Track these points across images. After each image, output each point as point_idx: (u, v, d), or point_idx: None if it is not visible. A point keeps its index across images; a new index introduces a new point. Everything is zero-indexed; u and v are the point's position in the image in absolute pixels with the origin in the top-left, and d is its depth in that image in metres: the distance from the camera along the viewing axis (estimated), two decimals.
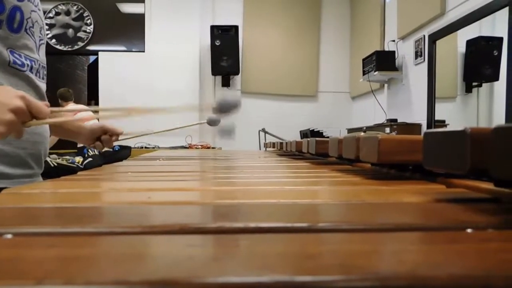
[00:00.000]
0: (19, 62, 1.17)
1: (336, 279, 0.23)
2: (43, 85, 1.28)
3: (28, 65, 1.21)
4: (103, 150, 1.84)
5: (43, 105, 1.00)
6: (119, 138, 1.50)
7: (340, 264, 0.25)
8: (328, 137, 1.30)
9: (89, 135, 1.46)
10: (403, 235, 0.34)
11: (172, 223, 0.36)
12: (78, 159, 1.47)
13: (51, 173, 1.09)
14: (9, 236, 0.32)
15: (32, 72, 1.21)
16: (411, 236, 0.34)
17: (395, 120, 4.45)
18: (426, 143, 0.49)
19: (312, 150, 1.25)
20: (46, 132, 1.27)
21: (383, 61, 4.80)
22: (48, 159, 2.21)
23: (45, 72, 1.31)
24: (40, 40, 1.29)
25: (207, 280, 0.23)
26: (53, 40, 6.16)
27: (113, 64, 6.06)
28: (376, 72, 4.77)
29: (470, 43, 3.61)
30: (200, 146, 5.43)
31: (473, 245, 0.30)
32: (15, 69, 1.15)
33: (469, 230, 0.34)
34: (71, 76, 7.86)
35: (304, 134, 5.76)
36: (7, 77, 1.12)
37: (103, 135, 1.45)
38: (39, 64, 1.27)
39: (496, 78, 3.42)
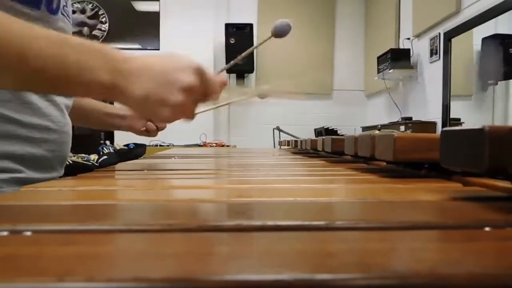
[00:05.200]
0: None
1: (355, 277, 0.23)
2: None
3: None
4: (119, 148, 1.82)
5: (217, 81, 0.84)
6: None
7: (359, 262, 0.25)
8: (342, 135, 1.30)
9: (139, 117, 1.31)
10: (420, 233, 0.34)
11: (189, 221, 0.36)
12: (93, 156, 1.48)
13: (67, 170, 1.10)
14: (29, 233, 0.33)
15: None
16: (429, 234, 0.34)
17: (410, 118, 4.43)
18: (443, 142, 0.49)
19: (328, 148, 1.25)
20: (71, 129, 1.14)
21: (398, 59, 4.77)
22: None
23: None
24: (69, 20, 1.10)
25: (226, 278, 0.23)
26: None
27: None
28: (391, 70, 4.74)
29: (485, 41, 3.58)
30: (214, 144, 5.44)
31: (491, 244, 0.30)
32: None
33: (487, 229, 0.34)
34: None
35: (319, 132, 5.75)
36: None
37: None
38: None
39: (511, 76, 3.39)
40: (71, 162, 1.13)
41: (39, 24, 0.94)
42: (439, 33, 4.11)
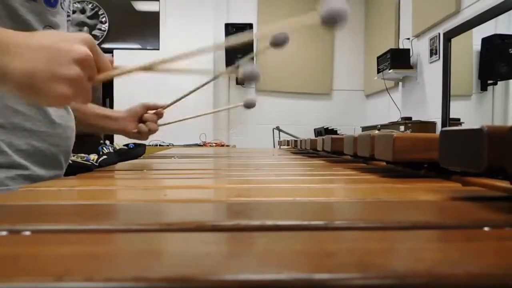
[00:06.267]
0: None
1: (354, 277, 0.23)
2: None
3: None
4: (118, 147, 1.81)
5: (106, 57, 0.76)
6: (158, 124, 1.28)
7: (357, 261, 0.25)
8: (342, 135, 1.30)
9: (130, 117, 1.25)
10: (419, 233, 0.34)
11: (188, 221, 0.36)
12: (93, 156, 1.48)
13: (66, 170, 1.10)
14: (28, 233, 0.33)
15: None
16: (428, 234, 0.34)
17: (410, 118, 4.43)
18: (442, 141, 0.49)
19: (328, 147, 1.25)
20: (74, 124, 1.11)
21: (398, 59, 4.77)
22: None
23: None
24: (68, 16, 1.11)
25: (225, 277, 0.23)
26: None
27: (128, 62, 6.03)
28: (391, 70, 4.74)
29: (485, 41, 3.58)
30: (214, 144, 5.44)
31: (490, 244, 0.30)
32: None
33: (486, 228, 0.34)
34: None
35: (319, 132, 5.75)
36: None
37: (145, 113, 1.25)
38: None
39: (511, 76, 3.39)
40: (71, 161, 1.13)
41: (36, 17, 0.94)
42: (439, 33, 4.11)
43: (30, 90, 0.65)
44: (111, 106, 5.72)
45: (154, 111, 1.27)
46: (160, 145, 5.15)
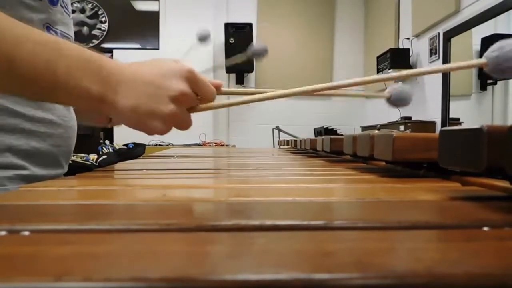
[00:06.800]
0: None
1: (353, 277, 0.23)
2: None
3: None
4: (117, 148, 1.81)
5: (209, 83, 0.79)
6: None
7: (357, 261, 0.25)
8: (342, 134, 1.30)
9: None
10: (419, 233, 0.34)
11: (188, 221, 0.36)
12: (93, 156, 1.48)
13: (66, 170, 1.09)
14: (27, 233, 0.33)
15: None
16: (428, 234, 0.34)
17: (409, 118, 4.43)
18: (442, 141, 0.49)
19: (327, 148, 1.25)
20: (76, 124, 1.11)
21: (398, 59, 4.78)
22: None
23: None
24: (69, 14, 1.09)
25: (224, 277, 0.23)
26: (72, 37, 6.17)
27: (128, 62, 6.05)
28: (391, 70, 4.74)
29: (485, 41, 3.58)
30: (214, 144, 5.44)
31: (490, 243, 0.30)
32: None
33: (485, 228, 0.34)
34: None
35: (318, 132, 5.76)
36: None
37: None
38: None
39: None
40: (70, 161, 1.13)
41: (40, 15, 0.93)
42: (439, 33, 4.12)
43: (133, 123, 0.73)
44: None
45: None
46: (159, 145, 5.16)
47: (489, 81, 3.61)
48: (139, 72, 0.73)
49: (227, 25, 5.91)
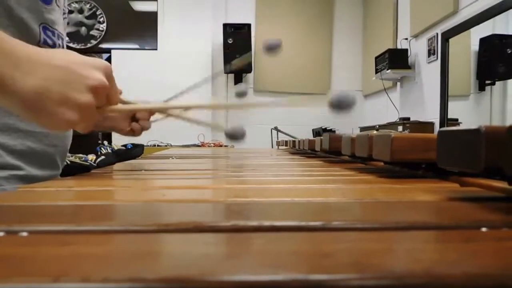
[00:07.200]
0: (50, 42, 0.96)
1: (351, 277, 0.23)
2: None
3: (60, 45, 1.00)
4: (117, 148, 1.80)
5: (116, 85, 0.73)
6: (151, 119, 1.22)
7: (355, 262, 0.25)
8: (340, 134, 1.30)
9: (123, 117, 1.19)
10: (417, 233, 0.34)
11: (186, 221, 0.36)
12: (91, 157, 1.47)
13: (64, 171, 1.08)
14: (25, 234, 0.33)
15: None
16: (426, 235, 0.34)
17: (408, 119, 4.43)
18: (440, 142, 0.49)
19: (326, 146, 1.25)
20: None
21: (396, 59, 4.78)
22: None
23: None
24: (63, 14, 1.07)
25: (222, 278, 0.23)
26: (66, 39, 6.17)
27: (126, 62, 6.04)
28: (389, 70, 4.75)
29: (483, 41, 3.58)
30: (212, 144, 5.43)
31: (488, 244, 0.30)
32: None
33: (483, 229, 0.34)
34: None
35: (317, 132, 5.76)
36: None
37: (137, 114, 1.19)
38: (66, 45, 1.06)
39: (509, 76, 3.40)
40: (68, 162, 1.13)
41: (32, 15, 0.92)
42: (437, 33, 4.11)
43: (36, 110, 0.62)
44: None
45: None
46: (158, 145, 5.15)
47: (487, 82, 3.61)
48: (51, 54, 0.64)
49: (225, 26, 5.91)
